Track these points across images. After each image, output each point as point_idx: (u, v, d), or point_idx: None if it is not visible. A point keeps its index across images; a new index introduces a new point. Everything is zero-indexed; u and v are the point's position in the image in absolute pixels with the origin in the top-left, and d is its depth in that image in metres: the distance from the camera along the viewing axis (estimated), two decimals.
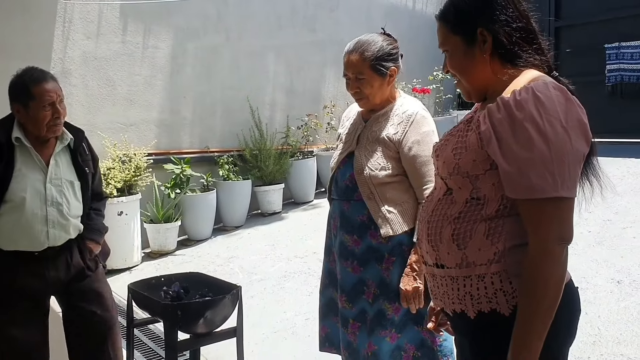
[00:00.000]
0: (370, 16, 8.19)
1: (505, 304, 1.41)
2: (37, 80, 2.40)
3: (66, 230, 2.46)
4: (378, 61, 2.31)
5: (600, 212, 4.84)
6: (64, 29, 5.96)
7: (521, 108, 1.34)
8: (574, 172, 1.35)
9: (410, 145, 2.28)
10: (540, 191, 1.31)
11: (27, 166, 2.40)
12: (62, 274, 2.46)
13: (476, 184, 1.45)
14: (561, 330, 1.43)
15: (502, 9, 1.47)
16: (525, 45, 1.49)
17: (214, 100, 7.02)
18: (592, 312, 3.41)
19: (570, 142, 1.34)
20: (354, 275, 2.35)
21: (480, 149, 1.42)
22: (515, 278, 1.40)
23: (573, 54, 7.98)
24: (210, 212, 6.45)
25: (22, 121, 2.41)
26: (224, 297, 2.17)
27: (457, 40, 1.51)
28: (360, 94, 2.35)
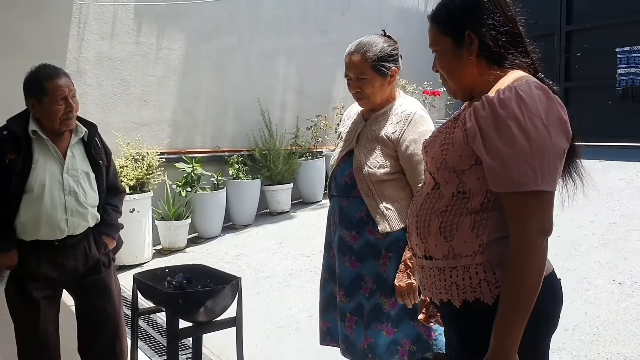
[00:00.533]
0: (381, 18, 8.24)
1: (488, 294, 1.46)
2: (50, 76, 2.49)
3: (84, 218, 2.56)
4: (379, 62, 2.37)
5: (606, 215, 4.86)
6: (79, 29, 6.10)
7: (504, 106, 1.40)
8: (554, 167, 1.40)
9: (408, 144, 2.33)
10: (522, 185, 1.36)
11: (44, 157, 2.50)
12: (80, 264, 2.56)
13: (462, 179, 1.51)
14: (542, 319, 1.48)
15: (490, 14, 1.53)
16: (511, 48, 1.54)
17: (226, 101, 7.12)
18: (591, 312, 3.44)
19: (551, 139, 1.39)
20: (352, 270, 2.41)
21: (466, 145, 1.48)
22: (498, 269, 1.45)
23: (584, 58, 7.97)
24: (220, 211, 6.55)
25: (37, 115, 2.51)
26: (224, 287, 2.25)
27: (446, 41, 1.58)
28: (362, 93, 2.41)
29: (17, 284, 2.53)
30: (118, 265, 5.57)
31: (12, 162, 2.45)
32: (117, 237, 2.75)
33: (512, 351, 1.37)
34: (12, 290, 2.55)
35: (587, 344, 3.15)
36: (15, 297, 2.54)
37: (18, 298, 2.53)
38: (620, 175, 5.82)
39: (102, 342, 2.61)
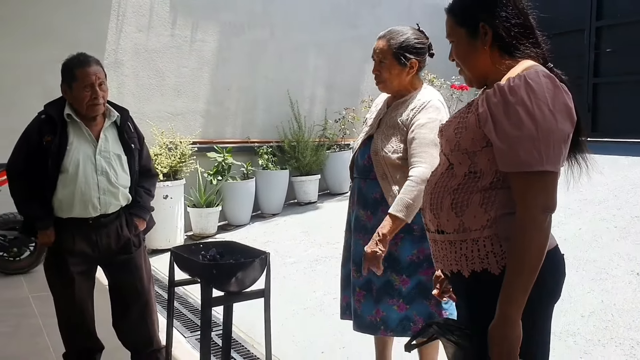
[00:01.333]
0: (411, 13, 8.33)
1: (495, 264, 1.59)
2: (80, 64, 2.64)
3: (115, 197, 2.73)
4: (401, 51, 2.52)
5: (629, 209, 4.91)
6: (117, 21, 6.35)
7: (514, 93, 1.53)
8: (559, 149, 1.52)
9: (414, 127, 2.47)
10: (528, 165, 1.49)
11: (79, 140, 2.68)
12: (112, 242, 2.73)
13: (474, 160, 1.65)
14: (545, 289, 1.60)
15: (503, 7, 1.66)
16: (522, 39, 1.67)
17: (257, 93, 7.32)
18: (607, 300, 3.53)
19: (556, 123, 1.50)
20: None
21: (478, 129, 1.61)
22: (504, 242, 1.58)
23: (614, 53, 7.94)
24: (249, 199, 6.76)
25: (68, 100, 2.70)
26: (254, 260, 2.43)
27: (461, 33, 1.71)
28: (379, 77, 2.58)
29: (55, 259, 2.71)
30: (151, 249, 5.82)
31: (49, 144, 2.61)
32: (147, 218, 2.90)
33: (516, 317, 1.49)
34: (50, 265, 2.74)
35: (602, 330, 3.25)
36: (53, 271, 2.73)
37: (56, 272, 2.72)
38: None
39: (134, 317, 2.79)
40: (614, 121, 7.30)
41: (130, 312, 2.79)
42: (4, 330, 3.96)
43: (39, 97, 5.79)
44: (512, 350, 1.48)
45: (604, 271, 3.89)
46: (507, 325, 1.49)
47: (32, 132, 2.68)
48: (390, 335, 2.62)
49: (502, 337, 1.49)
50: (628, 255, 4.08)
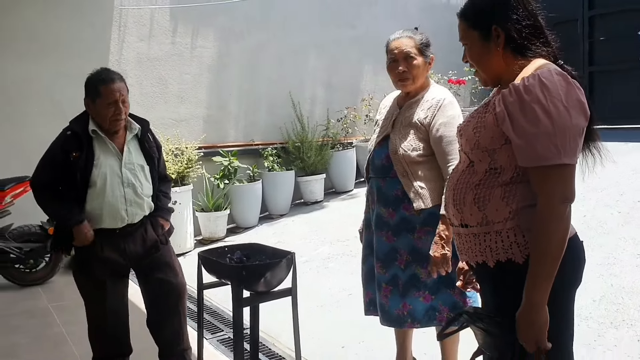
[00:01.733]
0: (407, 11, 8.44)
1: (519, 254, 1.69)
2: (104, 81, 2.72)
3: (141, 207, 2.83)
4: (423, 46, 2.67)
5: (632, 194, 5.03)
6: (119, 32, 6.44)
7: (529, 92, 1.62)
8: (574, 143, 1.61)
9: (438, 127, 2.58)
10: (546, 159, 1.58)
11: (105, 154, 2.76)
12: (139, 247, 2.83)
13: (494, 157, 1.74)
14: (567, 275, 1.69)
15: (514, 9, 1.76)
16: (533, 40, 1.76)
17: (258, 95, 7.41)
18: (617, 284, 3.65)
19: (571, 119, 1.60)
20: (388, 244, 2.67)
21: (496, 127, 1.71)
22: (527, 232, 1.67)
23: (607, 41, 8.06)
24: (256, 201, 6.86)
25: (91, 114, 2.78)
26: (281, 260, 2.54)
27: (474, 35, 1.80)
28: (408, 73, 2.65)
29: (85, 266, 2.79)
30: None
31: (76, 160, 2.69)
32: (169, 219, 3.01)
33: (542, 303, 1.58)
34: (80, 271, 2.83)
35: (613, 313, 3.36)
36: (83, 277, 2.82)
37: (86, 277, 2.80)
38: None
39: (167, 310, 2.85)
40: (610, 108, 7.42)
41: (164, 308, 2.85)
42: (29, 341, 4.04)
43: (47, 109, 5.97)
44: (540, 334, 1.58)
45: (612, 256, 4.01)
46: (535, 311, 1.58)
47: (58, 148, 2.75)
48: (416, 327, 2.70)
49: (530, 323, 1.58)
50: (633, 240, 4.20)
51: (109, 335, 2.86)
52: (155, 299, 2.88)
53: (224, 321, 4.22)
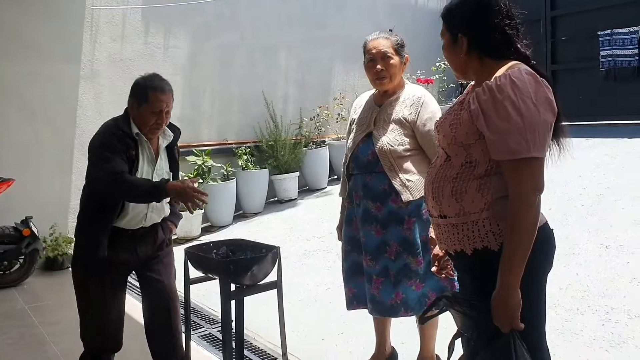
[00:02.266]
0: (375, 12, 8.59)
1: (494, 242, 1.81)
2: (155, 88, 2.67)
3: (159, 214, 2.81)
4: (399, 46, 2.81)
5: (594, 187, 5.26)
6: (91, 32, 6.42)
7: (501, 90, 1.75)
8: (543, 137, 1.75)
9: (424, 122, 2.74)
10: (517, 153, 1.71)
11: (144, 158, 2.72)
12: (149, 249, 2.80)
13: (469, 151, 1.86)
14: (538, 260, 1.82)
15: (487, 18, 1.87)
16: (506, 45, 1.89)
17: (231, 95, 7.47)
18: (582, 272, 3.84)
19: (540, 115, 1.73)
20: (377, 237, 2.77)
21: (471, 124, 1.83)
22: (501, 222, 1.79)
23: (569, 41, 8.35)
24: (230, 200, 6.92)
25: (132, 115, 2.70)
26: (267, 254, 2.63)
27: (447, 36, 1.96)
28: (386, 72, 2.78)
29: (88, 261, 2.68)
30: None
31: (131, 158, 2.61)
32: (178, 224, 3.01)
33: (515, 285, 1.70)
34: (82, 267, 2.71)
35: (579, 300, 3.54)
36: (82, 276, 2.72)
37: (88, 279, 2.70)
38: (606, 151, 6.22)
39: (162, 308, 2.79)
40: (573, 105, 7.69)
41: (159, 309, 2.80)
42: (10, 342, 4.04)
43: (16, 109, 5.92)
44: (514, 314, 1.70)
45: (577, 246, 4.21)
46: (508, 293, 1.70)
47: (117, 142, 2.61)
48: (410, 315, 2.80)
49: (504, 304, 1.70)
50: (597, 231, 4.41)
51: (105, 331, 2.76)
52: (152, 299, 2.83)
53: (203, 317, 4.29)
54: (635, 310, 3.31)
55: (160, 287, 2.81)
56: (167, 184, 2.53)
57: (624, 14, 7.63)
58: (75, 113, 6.29)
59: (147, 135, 2.71)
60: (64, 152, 6.24)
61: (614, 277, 3.71)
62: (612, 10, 7.79)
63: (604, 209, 4.78)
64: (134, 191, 2.55)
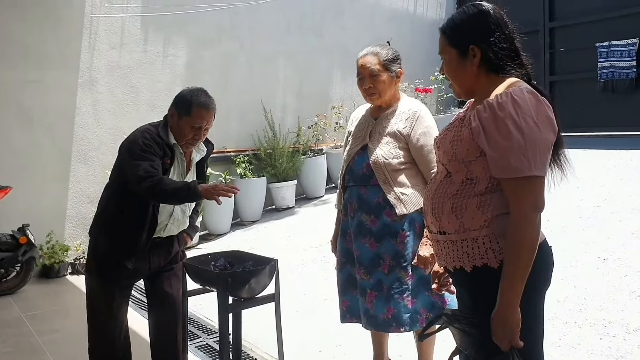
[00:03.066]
0: (373, 22, 8.62)
1: (494, 259, 1.81)
2: (200, 105, 2.67)
3: (179, 227, 2.81)
4: (388, 62, 2.79)
5: (591, 199, 5.27)
6: (90, 40, 6.43)
7: (502, 108, 1.75)
8: (544, 156, 1.75)
9: (418, 137, 2.73)
10: (518, 171, 1.71)
11: (175, 168, 2.74)
12: (162, 259, 2.80)
13: (470, 168, 1.87)
14: (537, 277, 1.83)
15: (492, 32, 1.88)
16: (508, 61, 1.89)
17: (230, 103, 7.46)
18: (579, 285, 3.84)
19: (541, 134, 1.73)
20: (371, 250, 2.76)
21: (472, 141, 1.83)
22: (501, 239, 1.79)
23: (567, 52, 8.40)
24: (229, 208, 6.92)
25: (171, 124, 2.70)
26: (265, 267, 2.63)
27: (452, 52, 1.92)
28: (374, 89, 2.79)
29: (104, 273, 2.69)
30: None
31: (166, 166, 2.64)
32: (194, 235, 3.00)
33: (515, 303, 1.70)
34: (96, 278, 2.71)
35: (576, 312, 3.54)
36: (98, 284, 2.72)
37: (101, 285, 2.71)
38: (604, 162, 6.24)
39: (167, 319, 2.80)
40: (570, 116, 7.72)
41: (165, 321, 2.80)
42: (6, 350, 4.02)
43: (14, 116, 5.92)
44: (513, 332, 1.70)
45: (574, 258, 4.22)
46: (509, 310, 1.70)
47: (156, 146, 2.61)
48: (402, 331, 2.77)
49: (504, 323, 1.70)
50: (594, 243, 4.42)
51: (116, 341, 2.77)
52: (158, 309, 2.83)
53: (200, 327, 4.27)
54: (633, 324, 3.31)
55: (171, 301, 2.81)
56: (199, 184, 2.53)
57: (622, 26, 7.68)
58: (73, 120, 6.28)
59: (182, 148, 2.71)
60: (62, 160, 6.24)
61: (612, 290, 3.71)
62: (610, 22, 7.83)
63: (601, 221, 4.79)
64: (169, 188, 2.52)
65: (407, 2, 9.22)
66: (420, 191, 2.72)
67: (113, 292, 2.70)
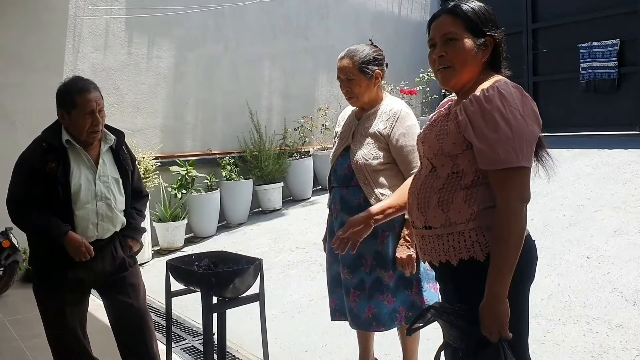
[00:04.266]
0: (358, 23, 8.65)
1: (480, 252, 1.82)
2: (81, 90, 2.58)
3: (113, 223, 2.72)
4: (364, 64, 2.76)
5: (575, 198, 5.31)
6: (74, 42, 6.38)
7: (489, 101, 1.76)
8: (530, 148, 1.77)
9: (398, 137, 2.72)
10: (506, 162, 1.72)
11: (78, 165, 2.64)
12: (107, 265, 2.69)
13: (456, 161, 1.87)
14: (523, 271, 1.84)
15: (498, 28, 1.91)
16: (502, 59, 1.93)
17: (215, 105, 7.45)
18: (563, 283, 3.87)
19: (527, 126, 1.75)
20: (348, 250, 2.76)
21: (459, 134, 1.84)
22: (487, 232, 1.80)
23: (549, 53, 8.47)
24: (214, 211, 6.88)
25: (65, 126, 2.64)
26: (249, 266, 2.62)
27: (468, 38, 1.86)
28: (351, 92, 2.79)
29: (48, 282, 2.65)
30: None
31: (54, 171, 2.55)
32: (140, 239, 2.89)
33: (503, 294, 1.72)
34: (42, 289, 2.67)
35: (560, 310, 3.57)
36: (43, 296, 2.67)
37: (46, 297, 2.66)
38: (587, 162, 6.30)
39: (132, 332, 2.75)
40: (554, 116, 7.79)
41: (129, 331, 2.76)
42: None
43: None
44: (502, 323, 1.71)
45: (558, 257, 4.25)
46: (497, 302, 1.71)
47: (34, 159, 2.62)
48: (382, 330, 2.79)
49: (493, 314, 1.72)
50: (578, 241, 4.45)
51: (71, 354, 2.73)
52: (120, 323, 2.78)
53: (185, 329, 4.24)
54: (615, 320, 3.34)
55: (132, 311, 2.74)
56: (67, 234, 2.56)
57: (604, 27, 7.76)
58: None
59: (87, 141, 2.65)
60: None
61: (595, 287, 3.74)
62: (592, 23, 7.91)
63: (584, 220, 4.83)
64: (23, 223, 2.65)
65: (392, 3, 9.26)
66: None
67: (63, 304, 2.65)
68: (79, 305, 2.73)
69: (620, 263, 3.97)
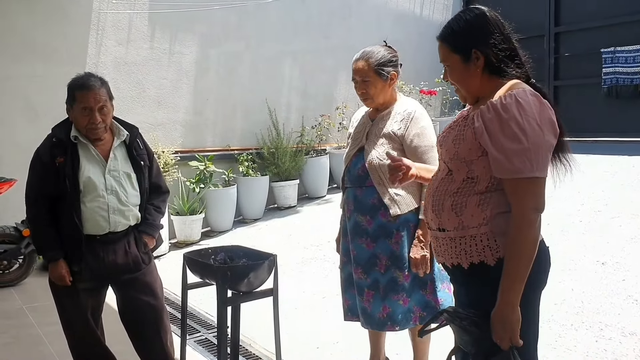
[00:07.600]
0: (380, 23, 8.64)
1: (491, 257, 1.84)
2: (80, 87, 2.62)
3: (125, 216, 2.74)
4: (380, 66, 2.79)
5: (592, 204, 5.29)
6: (97, 36, 6.47)
7: (507, 110, 1.77)
8: (546, 158, 1.78)
9: (412, 138, 2.75)
10: (521, 172, 1.73)
11: (88, 160, 2.68)
12: (119, 259, 2.71)
13: (471, 167, 1.89)
14: (535, 278, 1.84)
15: (491, 35, 1.91)
16: (508, 62, 1.92)
17: (235, 102, 7.51)
18: (577, 288, 3.87)
19: (544, 136, 1.76)
20: (368, 250, 2.79)
21: (475, 141, 1.86)
22: (499, 237, 1.82)
23: (572, 58, 8.40)
24: (231, 206, 6.95)
25: (71, 119, 2.69)
26: (264, 261, 2.66)
27: (455, 58, 1.94)
28: (366, 94, 2.83)
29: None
30: None
31: (62, 165, 2.61)
32: (157, 236, 2.90)
33: (515, 302, 1.73)
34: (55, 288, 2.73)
35: (573, 315, 3.57)
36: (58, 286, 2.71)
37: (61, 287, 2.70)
38: (606, 168, 6.25)
39: (148, 334, 2.78)
40: (574, 121, 7.71)
41: (144, 329, 2.79)
42: (6, 341, 4.06)
43: (21, 111, 5.97)
44: (513, 330, 1.73)
45: (573, 262, 4.24)
46: (509, 310, 1.73)
47: (43, 153, 2.68)
48: (396, 330, 2.81)
49: (505, 322, 1.73)
50: (593, 247, 4.44)
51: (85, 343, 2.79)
52: (135, 322, 2.81)
53: (200, 322, 4.30)
54: (629, 327, 3.33)
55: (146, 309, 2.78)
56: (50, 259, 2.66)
57: (628, 32, 7.68)
58: None
59: (88, 137, 2.67)
60: None
61: (609, 294, 3.73)
62: (615, 28, 7.83)
63: (601, 226, 4.81)
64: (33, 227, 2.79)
65: (414, 4, 9.23)
66: (414, 192, 2.76)
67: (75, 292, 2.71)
68: (92, 295, 2.78)
69: (635, 270, 3.96)
